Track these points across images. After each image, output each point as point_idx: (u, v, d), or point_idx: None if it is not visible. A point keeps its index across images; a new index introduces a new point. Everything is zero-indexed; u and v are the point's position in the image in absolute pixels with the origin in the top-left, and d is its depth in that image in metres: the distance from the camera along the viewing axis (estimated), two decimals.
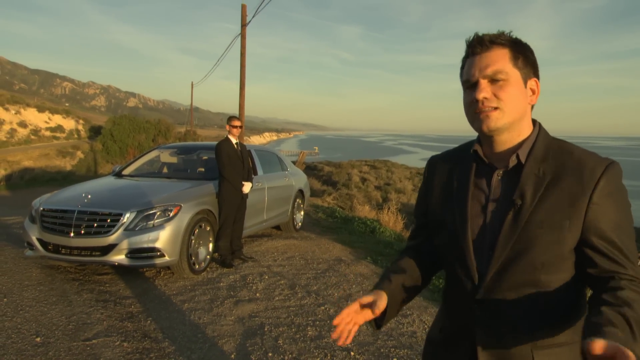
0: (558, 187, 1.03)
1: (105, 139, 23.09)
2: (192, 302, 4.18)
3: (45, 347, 3.21)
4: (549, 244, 1.01)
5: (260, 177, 6.49)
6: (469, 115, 1.11)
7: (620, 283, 0.96)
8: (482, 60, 1.07)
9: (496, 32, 1.09)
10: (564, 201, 1.01)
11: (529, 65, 1.10)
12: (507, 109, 1.06)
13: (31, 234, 4.83)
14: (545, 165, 1.06)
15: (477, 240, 1.10)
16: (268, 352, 3.26)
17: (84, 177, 15.62)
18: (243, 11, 14.31)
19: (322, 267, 5.48)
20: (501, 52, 1.07)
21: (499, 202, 1.09)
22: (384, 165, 33.30)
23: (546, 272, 1.03)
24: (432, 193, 1.24)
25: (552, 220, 1.01)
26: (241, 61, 14.34)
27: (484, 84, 1.06)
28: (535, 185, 1.04)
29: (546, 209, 1.02)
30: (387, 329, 3.69)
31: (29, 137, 24.36)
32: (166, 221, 4.65)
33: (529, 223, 1.02)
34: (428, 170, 1.29)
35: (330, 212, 10.13)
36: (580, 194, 1.01)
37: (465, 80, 1.10)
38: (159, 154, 7.03)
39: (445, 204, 1.18)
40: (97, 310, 3.93)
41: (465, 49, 1.12)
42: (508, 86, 1.06)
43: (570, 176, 1.03)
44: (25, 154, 20.24)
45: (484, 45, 1.08)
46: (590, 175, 1.01)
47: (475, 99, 1.06)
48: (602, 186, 1.00)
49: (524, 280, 1.03)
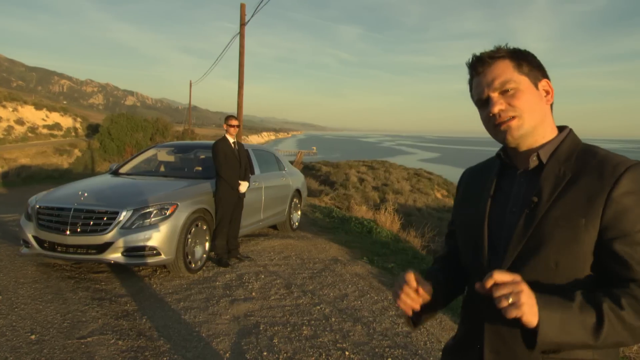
0: (577, 185, 1.01)
1: (103, 137, 23.05)
2: (188, 301, 4.19)
3: (40, 345, 3.21)
4: (563, 242, 0.98)
5: (257, 176, 6.50)
6: (490, 131, 1.13)
7: (626, 286, 0.94)
8: (486, 77, 1.09)
9: (493, 49, 1.11)
10: (581, 198, 0.99)
11: (534, 69, 1.11)
12: (525, 115, 1.06)
13: (27, 231, 4.82)
14: (567, 165, 1.05)
15: (494, 239, 1.10)
16: (263, 351, 3.26)
17: (81, 175, 15.58)
18: (242, 10, 14.31)
19: (318, 266, 5.48)
20: (503, 64, 1.09)
21: (518, 201, 1.09)
22: (382, 166, 33.33)
23: (561, 273, 0.99)
24: (460, 199, 1.29)
25: (568, 218, 0.98)
26: (240, 60, 14.34)
27: (496, 97, 1.08)
28: (554, 184, 1.03)
29: (562, 206, 1.00)
30: (382, 329, 3.70)
31: (26, 134, 24.30)
32: (162, 220, 4.65)
33: (544, 219, 1.01)
34: (460, 181, 1.34)
35: (327, 212, 10.14)
36: (599, 191, 0.97)
37: (477, 100, 1.12)
38: (156, 152, 7.03)
39: (469, 205, 1.21)
40: (92, 309, 3.92)
41: (468, 72, 1.15)
42: (520, 93, 1.07)
43: (590, 174, 1.01)
44: (22, 152, 20.19)
45: (484, 62, 1.10)
46: (612, 172, 0.98)
47: (491, 113, 1.08)
48: (624, 184, 0.96)
49: (537, 279, 0.99)
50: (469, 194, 1.24)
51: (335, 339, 3.50)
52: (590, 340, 0.91)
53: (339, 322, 3.83)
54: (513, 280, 0.91)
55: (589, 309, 0.91)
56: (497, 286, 0.91)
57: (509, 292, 0.89)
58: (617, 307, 0.91)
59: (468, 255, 1.18)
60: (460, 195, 1.30)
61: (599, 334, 0.90)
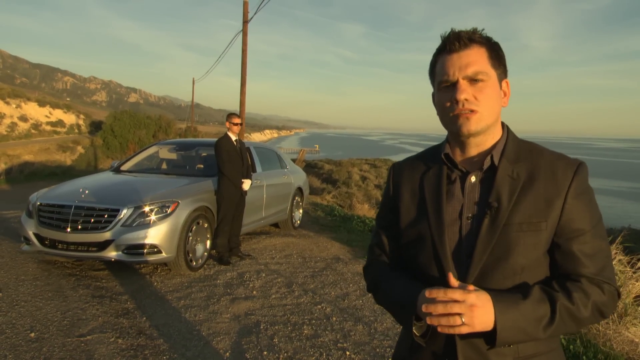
0: (533, 189, 1.02)
1: (106, 134, 23.09)
2: (188, 299, 4.17)
3: (40, 343, 3.20)
4: (528, 246, 0.99)
5: (259, 174, 6.47)
6: (444, 117, 1.07)
7: (577, 280, 1.00)
8: (461, 59, 1.02)
9: (470, 29, 1.05)
10: (540, 202, 1.01)
11: (502, 65, 1.07)
12: (486, 112, 1.03)
13: (28, 228, 4.81)
14: (519, 166, 1.05)
15: (455, 248, 1.05)
16: (263, 351, 3.24)
17: (84, 172, 15.60)
18: (245, 8, 14.27)
19: (320, 265, 5.46)
20: (479, 50, 1.04)
21: (474, 206, 1.05)
22: (385, 164, 33.29)
23: (526, 276, 1.01)
24: (402, 203, 1.16)
25: (530, 222, 1.00)
26: (242, 58, 14.31)
27: (464, 85, 1.02)
28: (510, 188, 1.02)
29: (523, 211, 1.00)
30: (384, 329, 3.67)
31: (29, 131, 24.37)
32: (163, 217, 4.63)
33: (507, 226, 1.00)
34: (394, 179, 1.21)
35: (329, 211, 10.12)
36: (556, 194, 1.01)
37: (444, 80, 1.05)
38: (158, 150, 7.01)
39: (419, 213, 1.11)
40: (92, 306, 3.91)
41: (439, 45, 1.07)
42: (487, 88, 1.03)
43: (544, 177, 1.03)
44: (25, 148, 20.25)
45: (462, 42, 1.03)
46: (564, 174, 1.02)
47: (456, 99, 1.02)
48: (575, 186, 1.01)
49: (505, 286, 1.00)
50: (412, 197, 1.14)
51: (336, 338, 3.48)
52: (541, 334, 0.96)
53: (340, 321, 3.81)
54: (464, 299, 0.92)
55: (543, 305, 0.96)
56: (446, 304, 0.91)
57: (460, 312, 0.91)
58: (569, 302, 0.96)
59: (425, 266, 1.08)
60: (400, 197, 1.17)
61: (550, 328, 0.95)
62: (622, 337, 3.60)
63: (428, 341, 1.04)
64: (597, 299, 0.99)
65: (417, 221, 1.11)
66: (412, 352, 1.11)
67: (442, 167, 1.11)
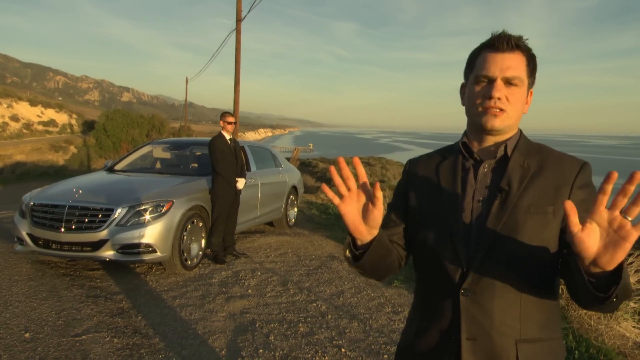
0: (542, 177, 1.10)
1: (99, 133, 22.94)
2: (184, 298, 4.17)
3: (34, 343, 3.19)
4: (535, 228, 1.05)
5: (254, 173, 6.47)
6: (473, 108, 1.13)
7: None
8: (504, 61, 1.09)
9: (518, 36, 1.11)
10: (548, 188, 1.08)
11: (533, 76, 1.15)
12: (512, 113, 1.11)
13: (21, 228, 4.79)
14: (529, 159, 1.13)
15: (465, 229, 1.11)
16: (259, 349, 3.25)
17: (77, 171, 15.50)
18: (238, 6, 14.23)
19: (315, 263, 5.48)
20: (521, 57, 1.11)
21: (485, 190, 1.12)
22: (379, 163, 33.35)
23: (532, 259, 1.05)
24: (416, 189, 1.24)
25: (538, 205, 1.06)
26: (236, 57, 14.28)
27: (501, 85, 1.09)
28: (521, 175, 1.10)
29: (532, 195, 1.07)
30: (379, 326, 3.69)
31: (21, 131, 24.16)
32: (158, 217, 4.62)
33: (515, 207, 1.07)
34: (409, 170, 1.30)
35: (323, 209, 10.13)
36: (564, 182, 1.08)
37: (483, 75, 1.11)
38: (152, 149, 6.99)
39: (433, 196, 1.18)
40: (87, 306, 3.90)
41: (486, 41, 1.13)
42: (518, 92, 1.10)
43: (553, 168, 1.10)
44: (17, 148, 20.08)
45: (510, 45, 1.10)
46: (572, 166, 1.10)
47: (491, 95, 1.09)
48: (580, 178, 1.08)
49: (511, 267, 1.06)
50: (427, 183, 1.22)
51: (331, 336, 3.50)
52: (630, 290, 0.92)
53: (335, 319, 3.83)
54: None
55: None
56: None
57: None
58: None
59: (437, 248, 1.14)
60: (414, 183, 1.24)
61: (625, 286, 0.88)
62: (614, 332, 3.65)
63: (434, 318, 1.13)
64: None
65: (431, 203, 1.19)
66: (418, 335, 1.18)
67: (458, 156, 1.20)
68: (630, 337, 3.64)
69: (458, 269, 1.09)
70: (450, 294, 1.11)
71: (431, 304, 1.17)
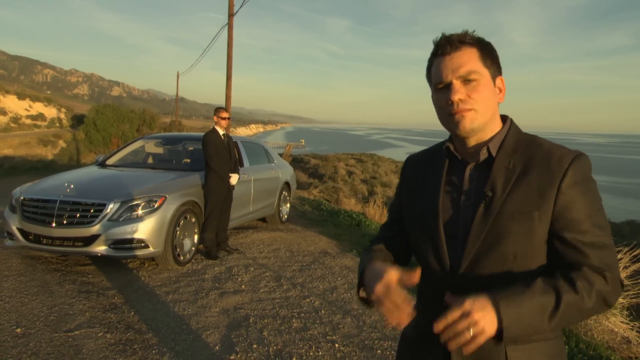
0: (527, 179, 1.05)
1: (88, 128, 22.69)
2: (177, 294, 4.16)
3: (26, 338, 3.16)
4: (520, 234, 1.03)
5: (247, 168, 6.46)
6: (442, 117, 1.12)
7: (580, 270, 1.01)
8: (453, 61, 1.08)
9: (461, 32, 1.10)
10: (533, 192, 1.04)
11: (495, 63, 1.12)
12: (481, 110, 1.07)
13: (11, 223, 4.73)
14: (516, 157, 1.08)
15: (450, 233, 1.11)
16: (253, 344, 3.26)
17: (66, 166, 15.33)
18: (230, 1, 14.14)
19: (308, 259, 5.49)
20: (470, 51, 1.08)
21: (471, 195, 1.10)
22: (370, 159, 33.42)
23: (519, 263, 1.04)
24: (406, 190, 1.27)
25: (522, 211, 1.03)
26: (228, 52, 14.19)
27: (458, 85, 1.07)
28: (505, 178, 1.07)
29: (516, 200, 1.04)
30: (372, 321, 3.72)
31: (8, 124, 23.82)
32: (151, 212, 4.60)
33: (500, 214, 1.04)
34: (403, 170, 1.32)
35: (316, 205, 10.14)
36: (549, 184, 1.03)
37: (439, 82, 1.10)
38: (144, 144, 6.94)
39: (418, 198, 1.20)
40: (79, 302, 3.88)
41: (432, 50, 1.13)
42: (480, 87, 1.07)
43: (539, 167, 1.05)
44: (4, 142, 19.80)
45: (453, 45, 1.08)
46: (558, 165, 1.04)
47: (450, 100, 1.07)
48: (570, 176, 1.03)
49: (497, 272, 1.05)
50: (416, 185, 1.23)
51: (325, 331, 3.52)
52: (547, 327, 0.97)
53: (328, 314, 3.84)
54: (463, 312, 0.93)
55: (546, 296, 0.97)
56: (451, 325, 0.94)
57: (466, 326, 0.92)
58: (573, 292, 0.97)
59: (423, 249, 1.16)
60: (406, 186, 1.27)
61: (554, 320, 0.96)
62: (603, 327, 3.71)
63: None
64: (601, 288, 0.99)
65: (417, 205, 1.20)
66: (418, 330, 1.19)
67: (445, 158, 1.18)
68: (619, 332, 3.70)
69: (443, 274, 1.10)
70: (439, 296, 1.09)
71: (425, 300, 1.19)
